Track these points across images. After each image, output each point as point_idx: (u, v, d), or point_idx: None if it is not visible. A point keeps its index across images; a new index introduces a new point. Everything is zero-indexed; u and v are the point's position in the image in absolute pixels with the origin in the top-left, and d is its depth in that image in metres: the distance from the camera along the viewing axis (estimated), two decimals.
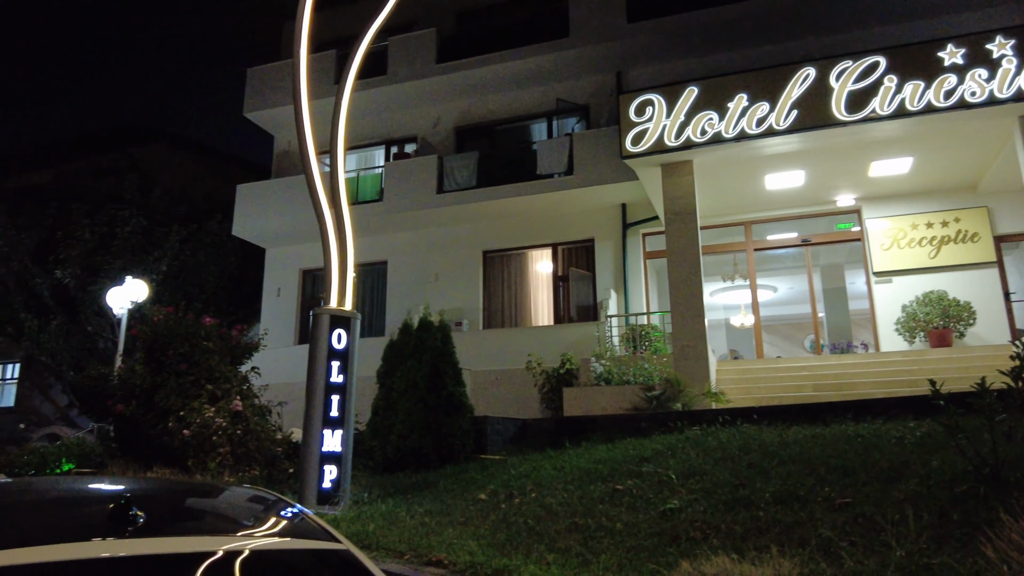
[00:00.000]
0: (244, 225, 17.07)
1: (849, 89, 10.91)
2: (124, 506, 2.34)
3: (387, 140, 17.64)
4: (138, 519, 2.32)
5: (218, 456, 8.28)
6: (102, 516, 2.45)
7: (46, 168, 24.10)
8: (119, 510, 2.32)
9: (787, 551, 4.26)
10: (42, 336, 17.60)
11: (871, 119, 10.77)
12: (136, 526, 2.28)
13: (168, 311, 10.83)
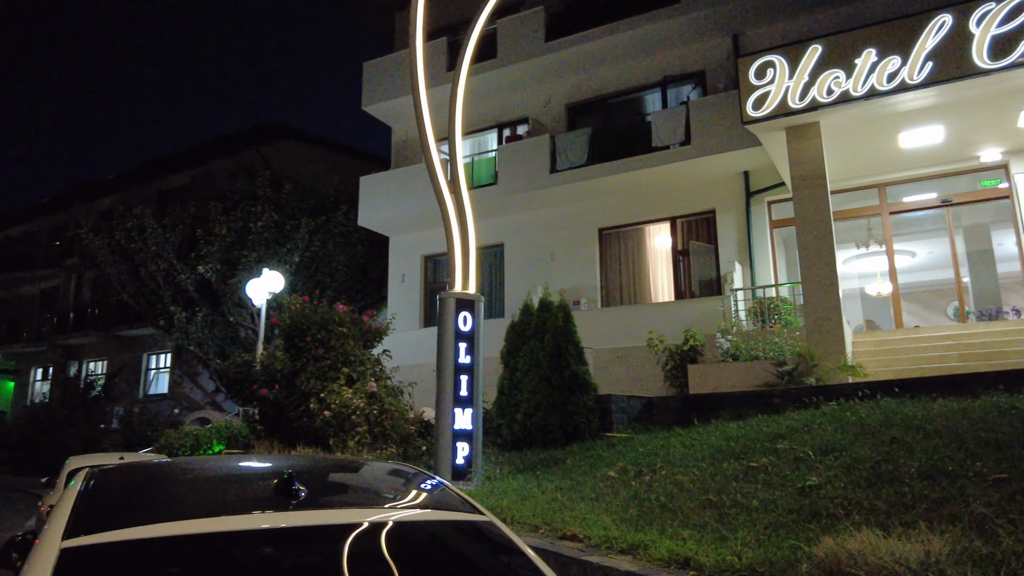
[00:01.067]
0: (368, 215, 17.81)
1: (992, 34, 10.08)
2: (287, 481, 2.58)
3: (499, 123, 17.86)
4: (300, 493, 2.56)
5: (357, 435, 8.79)
6: (268, 491, 2.72)
7: (185, 171, 25.95)
8: (283, 485, 2.57)
9: (936, 528, 4.11)
10: (190, 327, 19.06)
11: (1019, 64, 9.93)
12: (298, 499, 2.52)
13: (304, 300, 11.51)
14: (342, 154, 24.12)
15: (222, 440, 15.25)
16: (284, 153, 22.64)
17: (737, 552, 4.22)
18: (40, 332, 30.64)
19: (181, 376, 24.78)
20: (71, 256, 28.63)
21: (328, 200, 20.13)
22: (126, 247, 20.05)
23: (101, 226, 22.79)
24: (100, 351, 28.34)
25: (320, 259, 19.24)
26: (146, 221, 19.63)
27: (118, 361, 27.28)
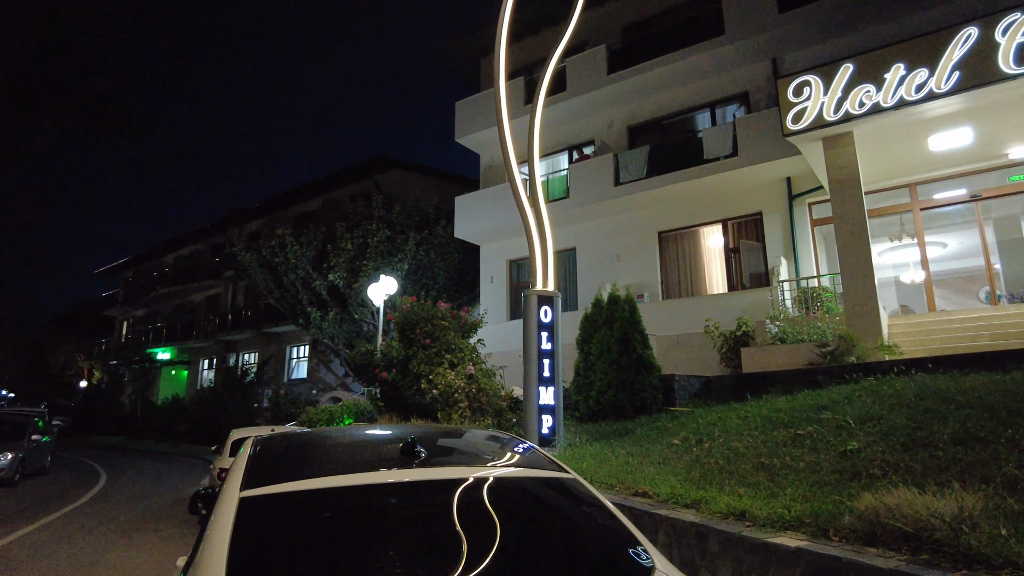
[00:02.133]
0: (463, 228, 18.14)
1: (1019, 42, 9.44)
2: (411, 445, 2.72)
3: (570, 146, 17.87)
4: (421, 454, 2.69)
5: (459, 409, 9.00)
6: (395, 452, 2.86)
7: (316, 197, 27.02)
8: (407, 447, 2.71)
9: (969, 487, 3.93)
10: (323, 324, 19.86)
11: None
12: (420, 459, 2.65)
13: (412, 300, 11.85)
14: (439, 178, 24.65)
15: (351, 415, 15.83)
16: (393, 180, 23.34)
17: (787, 506, 4.15)
18: (206, 331, 32.48)
19: (316, 364, 25.81)
20: (228, 269, 30.24)
21: (430, 217, 20.60)
22: (271, 261, 21.05)
23: (251, 244, 23.97)
24: (252, 345, 29.83)
25: (424, 266, 19.72)
26: (286, 239, 20.55)
27: (267, 352, 28.64)
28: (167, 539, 8.97)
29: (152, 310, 37.97)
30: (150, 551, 8.32)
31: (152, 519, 10.51)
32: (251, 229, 30.52)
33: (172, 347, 34.28)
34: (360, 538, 2.08)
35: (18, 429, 15.55)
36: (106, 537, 9.10)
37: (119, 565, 7.68)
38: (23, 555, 8.09)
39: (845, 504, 3.90)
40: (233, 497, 2.23)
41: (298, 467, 2.69)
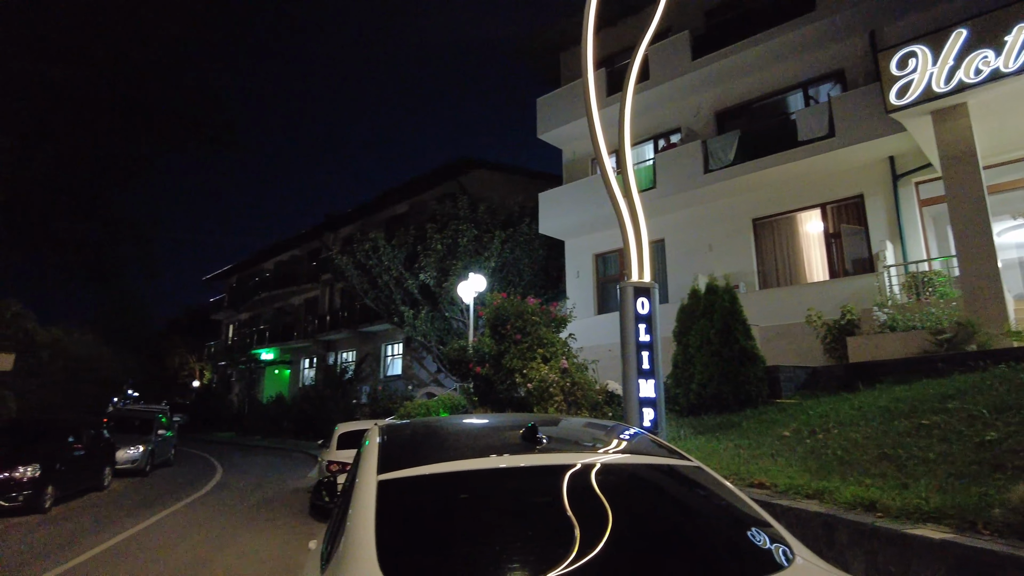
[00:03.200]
0: (547, 224, 18.13)
1: None
2: (532, 430, 2.72)
3: (654, 135, 17.50)
4: (543, 439, 2.69)
5: (554, 403, 8.97)
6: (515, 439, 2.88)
7: (405, 201, 27.75)
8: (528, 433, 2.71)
9: None
10: (416, 322, 20.34)
11: None
12: (541, 445, 2.65)
13: (503, 296, 11.93)
14: (521, 176, 24.74)
15: (446, 409, 16.14)
16: (477, 180, 23.63)
17: (923, 497, 3.87)
18: (306, 331, 34.00)
19: (410, 360, 26.48)
20: (325, 273, 31.52)
21: (514, 215, 20.71)
22: (365, 263, 21.76)
23: (346, 248, 24.89)
24: (350, 344, 30.98)
25: (510, 263, 19.84)
26: (379, 242, 21.19)
27: (363, 351, 29.68)
28: (282, 527, 9.45)
29: (255, 313, 40.14)
30: (270, 537, 8.78)
31: (267, 509, 11.10)
32: (345, 234, 31.69)
33: (275, 348, 36.11)
34: (495, 519, 2.13)
35: (146, 425, 16.84)
36: (230, 524, 9.68)
37: (245, 549, 8.14)
38: (162, 538, 8.73)
39: (993, 496, 3.60)
40: (371, 481, 2.32)
41: (428, 452, 2.78)
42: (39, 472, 10.29)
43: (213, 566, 7.30)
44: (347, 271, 22.46)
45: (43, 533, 9.02)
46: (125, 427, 16.38)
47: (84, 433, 12.36)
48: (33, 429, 11.90)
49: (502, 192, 22.34)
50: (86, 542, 8.42)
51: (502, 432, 3.35)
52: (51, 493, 10.62)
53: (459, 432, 3.37)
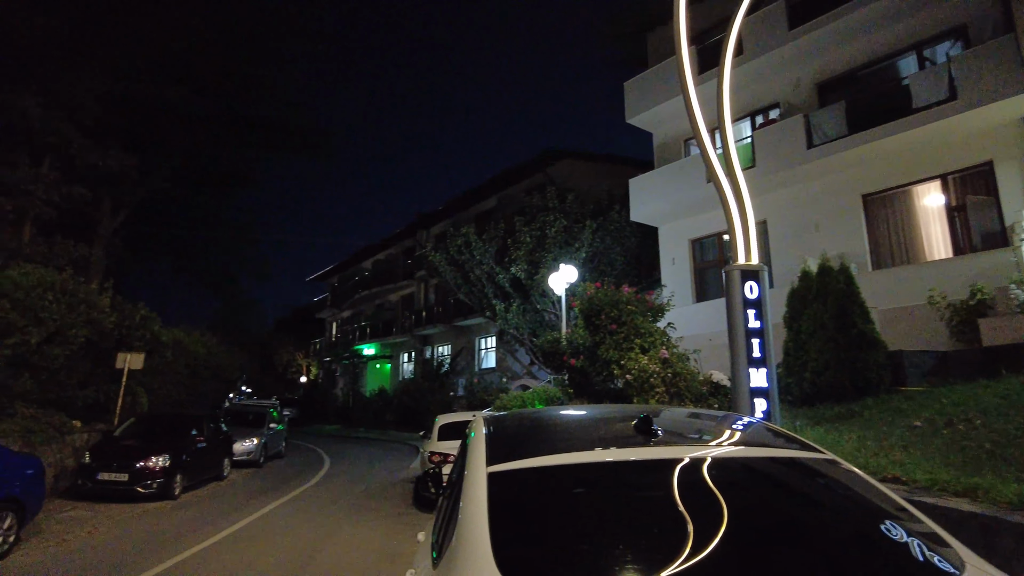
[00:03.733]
0: (639, 210, 17.62)
1: None
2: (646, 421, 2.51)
3: (751, 112, 16.59)
4: (658, 431, 2.48)
5: (655, 395, 8.63)
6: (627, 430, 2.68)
7: (492, 196, 27.89)
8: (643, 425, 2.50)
9: None
10: (508, 315, 20.38)
11: None
12: (657, 437, 2.44)
13: (596, 286, 11.66)
14: (609, 163, 24.21)
15: (541, 401, 16.05)
16: (564, 170, 23.34)
17: None
18: (403, 327, 34.95)
19: (503, 353, 26.64)
20: (420, 269, 32.26)
21: (603, 203, 20.29)
22: (457, 258, 22.02)
23: (438, 245, 25.32)
24: (445, 338, 31.57)
25: (601, 253, 19.46)
26: (470, 237, 21.38)
27: (458, 345, 30.15)
28: (386, 517, 9.65)
29: (356, 311, 41.72)
30: (376, 526, 8.98)
31: (372, 499, 11.40)
32: (437, 231, 32.30)
33: (375, 343, 37.38)
34: (612, 515, 2.01)
35: (259, 419, 17.80)
36: (337, 514, 10.00)
37: (352, 537, 8.36)
38: (277, 525, 9.13)
39: None
40: (481, 474, 2.24)
41: (537, 444, 2.68)
42: (169, 462, 11.04)
43: (323, 554, 7.53)
44: (440, 267, 22.79)
45: (174, 518, 9.65)
46: (240, 421, 17.38)
47: (206, 426, 13.17)
48: (162, 423, 12.80)
49: (590, 181, 21.95)
50: (211, 527, 8.92)
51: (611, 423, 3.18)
52: (179, 481, 11.37)
53: (567, 423, 3.24)
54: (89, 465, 10.79)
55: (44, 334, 12.19)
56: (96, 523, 9.15)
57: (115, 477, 10.62)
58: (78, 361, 13.09)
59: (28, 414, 11.15)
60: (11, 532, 7.44)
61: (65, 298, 12.85)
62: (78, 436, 12.21)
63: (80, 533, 8.53)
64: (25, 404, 11.45)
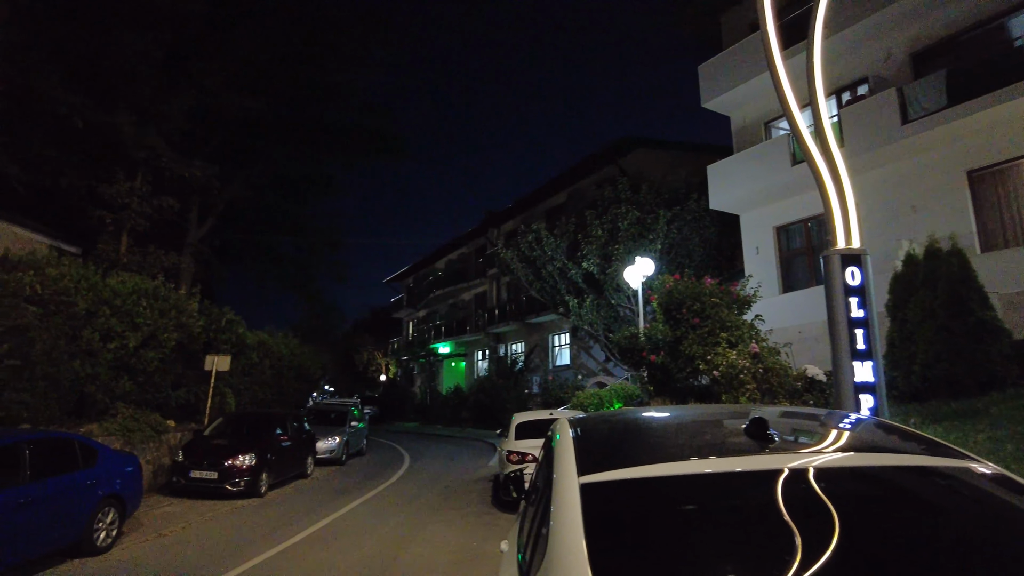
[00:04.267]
0: (718, 198, 16.91)
1: None
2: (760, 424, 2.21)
3: (835, 90, 15.55)
4: (774, 436, 2.18)
5: (746, 391, 8.13)
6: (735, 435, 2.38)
7: (562, 192, 27.56)
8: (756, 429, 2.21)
9: None
10: (582, 311, 20.03)
11: None
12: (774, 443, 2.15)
13: (676, 278, 11.18)
14: (684, 151, 23.38)
15: (620, 399, 15.65)
16: (636, 161, 22.73)
17: None
18: (476, 325, 35.13)
19: (577, 350, 26.30)
20: (491, 267, 32.31)
21: (679, 192, 19.61)
22: (529, 255, 21.85)
23: (509, 242, 25.23)
24: (518, 335, 31.51)
25: (677, 244, 18.80)
26: (541, 233, 21.16)
27: (531, 342, 30.01)
28: (468, 516, 9.55)
29: (431, 310, 42.33)
30: (457, 527, 8.89)
31: (453, 499, 11.36)
32: (508, 228, 32.28)
33: (450, 341, 37.79)
34: (733, 535, 1.74)
35: (341, 417, 18.20)
36: (418, 514, 10.00)
37: (434, 538, 8.29)
38: (360, 524, 9.20)
39: None
40: (572, 484, 2.02)
41: (633, 450, 2.42)
42: (255, 461, 11.36)
43: (406, 553, 7.48)
44: (512, 264, 22.68)
45: (261, 515, 9.90)
46: (322, 420, 17.81)
47: (290, 425, 13.51)
48: (248, 422, 13.23)
49: (664, 170, 21.22)
50: (296, 525, 9.07)
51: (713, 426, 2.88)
52: (265, 479, 11.69)
53: (663, 426, 2.96)
54: (182, 463, 11.24)
55: (140, 339, 12.81)
56: (189, 519, 9.49)
57: (206, 475, 11.02)
58: (170, 364, 13.71)
59: (128, 414, 11.72)
60: (113, 527, 7.77)
61: (157, 304, 13.47)
62: (172, 435, 12.78)
63: (175, 528, 8.86)
64: (125, 405, 12.07)
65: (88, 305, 11.96)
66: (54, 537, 6.80)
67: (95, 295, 12.21)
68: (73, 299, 11.70)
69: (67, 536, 7.02)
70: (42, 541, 6.62)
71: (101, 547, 7.52)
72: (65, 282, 11.67)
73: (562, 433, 2.62)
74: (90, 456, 7.62)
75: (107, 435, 10.84)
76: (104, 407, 11.86)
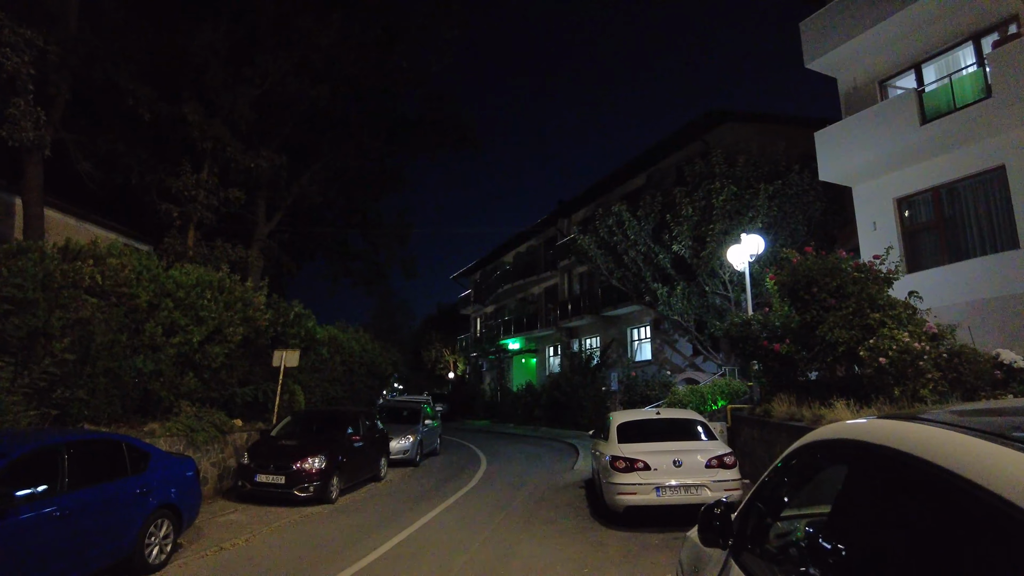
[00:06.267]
0: (828, 168, 14.90)
1: None
2: None
3: (972, 35, 13.35)
4: None
5: (927, 382, 6.40)
6: None
7: (641, 174, 25.80)
8: None
9: None
10: (671, 300, 18.33)
11: None
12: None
13: (807, 250, 9.49)
14: (780, 124, 21.13)
15: (724, 396, 13.97)
16: (726, 136, 20.69)
17: None
18: (547, 319, 33.78)
19: (660, 344, 24.55)
20: (563, 259, 30.87)
21: (780, 166, 17.63)
22: (608, 240, 20.30)
23: (584, 230, 23.72)
24: (592, 330, 29.94)
25: (779, 222, 16.85)
26: (623, 215, 19.57)
27: (607, 336, 28.40)
28: (566, 532, 8.19)
29: (499, 306, 41.20)
30: (556, 546, 7.54)
31: (544, 507, 10.02)
32: (579, 218, 30.77)
33: (520, 337, 36.53)
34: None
35: (414, 415, 17.19)
36: (508, 525, 8.71)
37: (532, 560, 6.97)
38: (442, 538, 7.98)
39: None
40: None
41: None
42: (325, 463, 10.36)
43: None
44: (590, 251, 21.15)
45: (332, 526, 8.85)
46: (395, 418, 16.85)
47: (362, 424, 12.52)
48: (318, 420, 12.29)
49: (758, 146, 19.16)
50: (371, 538, 7.96)
51: None
52: (336, 484, 10.68)
53: None
54: (248, 466, 10.35)
55: (205, 333, 12.07)
56: (254, 529, 8.52)
57: (272, 479, 10.08)
58: (237, 360, 12.96)
59: (191, 412, 10.95)
60: (168, 540, 6.83)
61: (223, 297, 12.74)
62: (239, 435, 11.98)
63: (238, 540, 7.88)
64: (189, 403, 11.32)
65: (150, 297, 11.27)
66: (98, 554, 5.85)
67: (157, 287, 11.53)
68: (135, 291, 11.02)
69: (114, 552, 6.07)
70: (84, 559, 5.68)
71: (154, 564, 6.57)
72: (126, 272, 10.99)
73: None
74: (140, 460, 6.67)
75: (169, 435, 10.05)
76: (168, 405, 11.14)
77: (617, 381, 25.39)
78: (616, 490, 8.10)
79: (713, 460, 8.00)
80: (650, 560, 6.80)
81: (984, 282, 12.33)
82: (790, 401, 9.73)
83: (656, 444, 8.49)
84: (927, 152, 13.44)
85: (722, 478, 7.89)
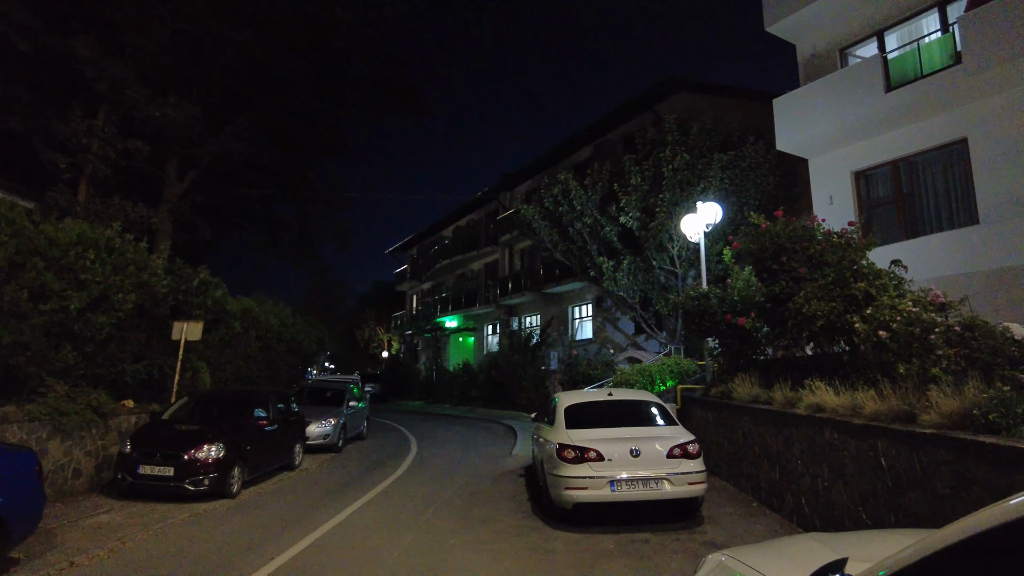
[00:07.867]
0: (787, 138, 14.11)
1: None
2: None
3: (938, 1, 12.73)
4: None
5: (938, 360, 5.43)
6: None
7: (586, 145, 24.67)
8: None
9: None
10: (617, 275, 17.35)
11: None
12: None
13: (778, 214, 8.52)
14: (732, 97, 20.34)
15: (673, 376, 13.07)
16: (678, 106, 19.69)
17: None
18: (487, 297, 32.50)
19: (602, 322, 23.69)
20: (504, 234, 29.61)
21: (734, 137, 16.80)
22: (554, 211, 19.12)
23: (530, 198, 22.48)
24: (533, 307, 28.89)
25: (731, 194, 16.04)
26: (569, 184, 18.41)
27: (548, 314, 27.39)
28: (504, 534, 6.99)
29: (437, 282, 39.61)
30: (495, 549, 6.33)
31: (480, 502, 8.80)
32: (523, 191, 29.51)
33: (458, 315, 35.14)
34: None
35: (338, 396, 15.67)
36: (436, 526, 7.44)
37: (469, 568, 5.74)
38: (364, 538, 6.65)
39: None
40: None
41: None
42: (224, 452, 8.82)
43: None
44: (534, 223, 19.94)
45: (229, 526, 7.38)
46: (317, 399, 15.31)
47: (273, 406, 10.98)
48: (221, 402, 10.67)
49: (712, 118, 18.21)
50: (274, 543, 6.56)
51: None
52: (238, 475, 9.17)
53: None
54: (130, 455, 8.70)
55: (86, 299, 10.19)
56: (126, 533, 6.96)
57: (159, 471, 8.48)
58: (129, 331, 11.14)
59: (61, 392, 9.15)
60: None
61: (111, 258, 10.85)
62: (125, 418, 10.24)
63: (100, 550, 6.33)
64: (64, 381, 9.49)
65: (10, 255, 9.34)
66: None
67: (22, 242, 9.58)
68: None
69: None
70: None
71: None
72: None
73: None
74: None
75: (28, 420, 8.30)
76: (35, 384, 9.30)
77: (557, 360, 24.45)
78: (564, 484, 6.94)
79: (676, 449, 6.95)
80: (605, 569, 5.69)
81: (944, 259, 11.80)
82: (752, 381, 8.82)
83: (610, 430, 7.38)
84: (890, 122, 12.81)
85: (685, 470, 6.85)
